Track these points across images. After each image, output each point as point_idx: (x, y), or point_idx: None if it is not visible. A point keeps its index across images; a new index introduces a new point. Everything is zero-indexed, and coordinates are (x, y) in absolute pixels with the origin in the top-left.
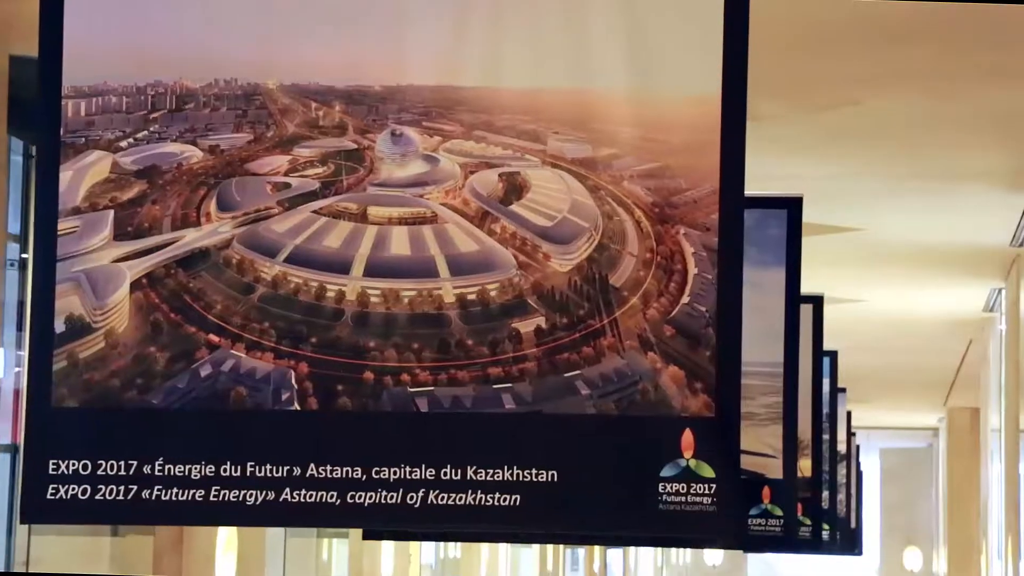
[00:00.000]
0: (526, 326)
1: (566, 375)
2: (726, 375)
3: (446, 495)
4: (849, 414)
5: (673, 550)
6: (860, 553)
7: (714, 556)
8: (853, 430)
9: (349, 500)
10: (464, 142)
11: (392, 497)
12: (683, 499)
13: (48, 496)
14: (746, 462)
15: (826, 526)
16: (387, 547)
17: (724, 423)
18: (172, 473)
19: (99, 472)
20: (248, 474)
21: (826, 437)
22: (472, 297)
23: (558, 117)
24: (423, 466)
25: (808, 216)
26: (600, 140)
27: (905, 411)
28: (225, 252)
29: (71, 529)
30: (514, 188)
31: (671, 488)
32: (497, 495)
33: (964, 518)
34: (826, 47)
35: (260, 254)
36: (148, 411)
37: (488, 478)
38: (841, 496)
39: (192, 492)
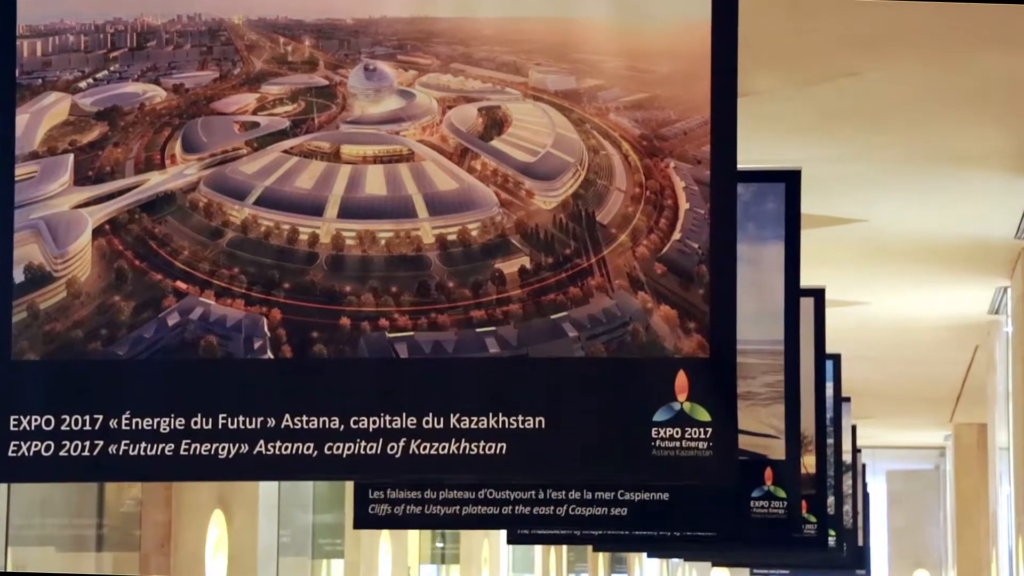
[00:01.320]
0: (509, 266)
1: (552, 317)
2: (721, 314)
3: (428, 444)
4: (854, 428)
5: (680, 571)
6: (868, 574)
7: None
8: (859, 447)
9: (327, 451)
10: (441, 76)
11: (372, 447)
12: (677, 444)
13: (10, 454)
14: (747, 443)
15: (832, 532)
16: (384, 564)
17: (719, 364)
18: (140, 427)
19: (62, 427)
20: (220, 427)
21: (830, 441)
22: (452, 237)
23: (539, 48)
24: (404, 415)
25: (807, 206)
26: (584, 71)
27: (911, 428)
28: (191, 195)
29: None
30: (494, 123)
31: (664, 433)
32: (482, 443)
33: (973, 538)
34: (820, 9)
35: (228, 197)
36: (113, 363)
37: (472, 426)
38: (847, 507)
39: (161, 446)
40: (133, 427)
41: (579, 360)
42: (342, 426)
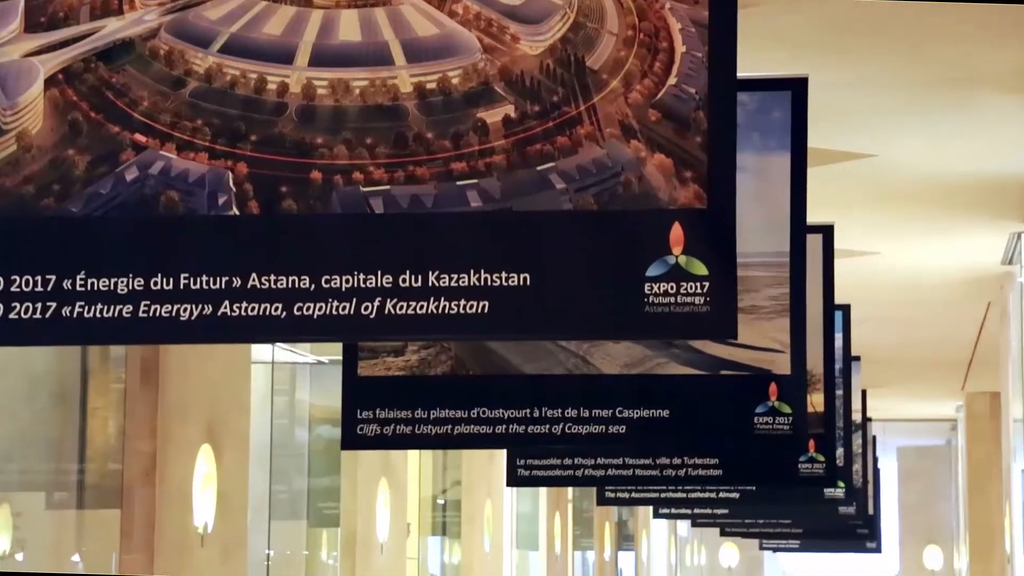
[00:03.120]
0: (493, 116)
1: (539, 168)
2: (719, 162)
3: (405, 303)
4: (864, 394)
5: (687, 552)
6: (879, 550)
7: (730, 558)
8: (869, 416)
9: (296, 312)
10: None
11: (344, 307)
12: (672, 300)
13: None
14: (750, 358)
15: (841, 484)
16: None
17: (717, 214)
18: (96, 288)
19: (13, 289)
20: (181, 287)
21: (839, 393)
22: (432, 86)
23: None
24: (379, 273)
25: (813, 140)
26: None
27: (921, 398)
28: (151, 43)
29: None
30: None
31: (658, 288)
32: (462, 302)
33: (985, 513)
34: None
35: (191, 44)
36: (67, 220)
37: (452, 284)
38: (857, 467)
39: (119, 308)
40: (88, 288)
41: (566, 213)
42: (312, 286)
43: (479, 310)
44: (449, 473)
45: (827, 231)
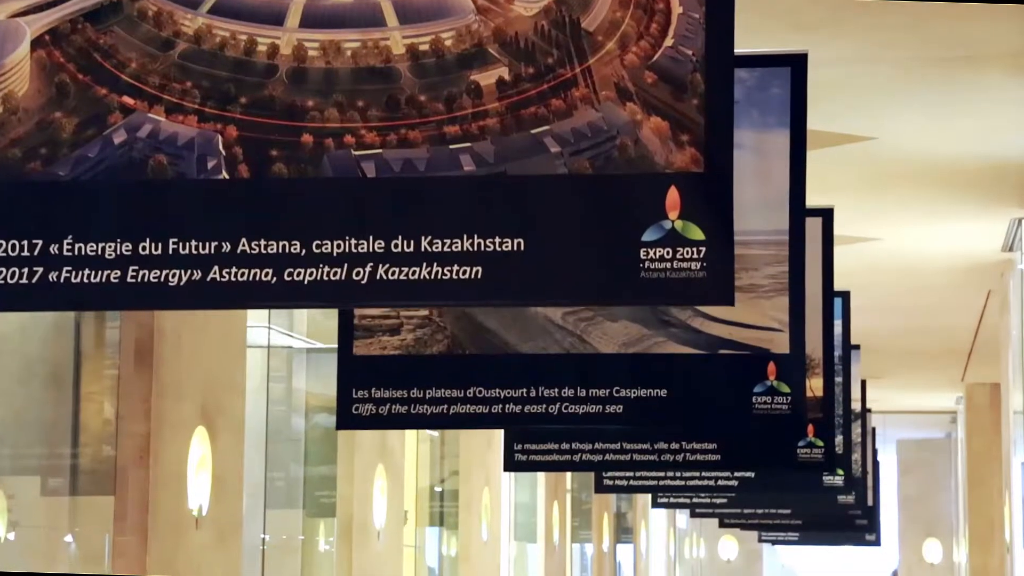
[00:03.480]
0: (487, 78)
1: (533, 131)
2: (716, 125)
3: (397, 269)
4: (864, 384)
5: (686, 544)
6: (878, 543)
7: (729, 550)
8: (868, 407)
9: (287, 278)
10: None
11: (335, 273)
12: (668, 265)
13: None
14: (748, 337)
15: (840, 471)
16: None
17: (714, 178)
18: (83, 252)
19: None
20: (170, 252)
21: (839, 379)
22: (424, 47)
23: None
24: (371, 238)
25: (812, 122)
26: None
27: (921, 389)
28: (140, 3)
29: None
30: None
31: (654, 254)
32: (455, 267)
33: (986, 505)
34: None
35: (180, 5)
36: (54, 184)
37: (445, 249)
38: (856, 456)
39: (106, 273)
40: (75, 252)
41: (561, 177)
42: (303, 251)
43: (472, 276)
44: (447, 462)
45: (827, 214)
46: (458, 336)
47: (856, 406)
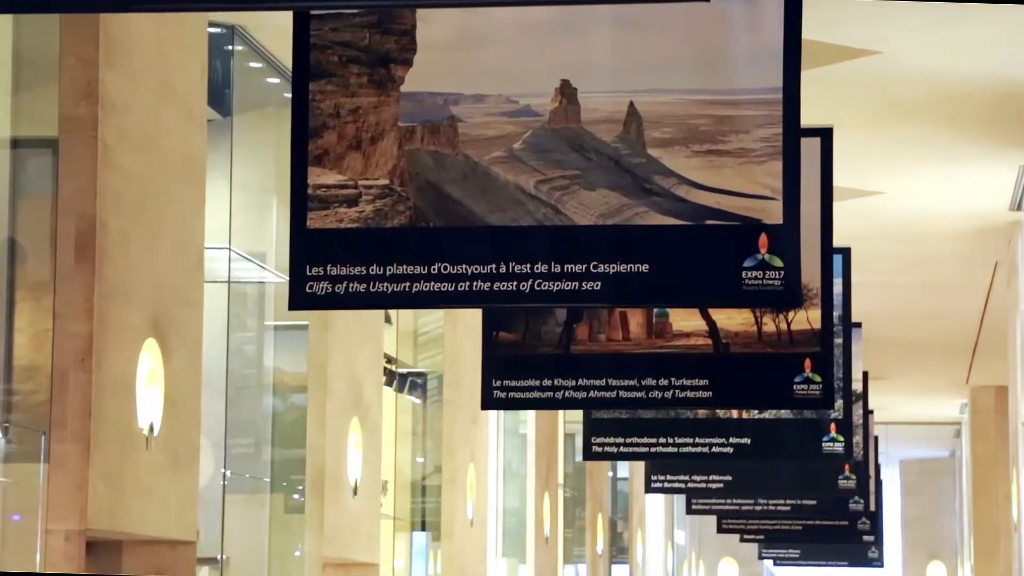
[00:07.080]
0: None
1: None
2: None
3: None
4: (865, 375)
5: (686, 564)
6: (881, 563)
7: (729, 572)
8: (871, 409)
9: None
10: None
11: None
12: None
13: None
14: (739, 206)
15: (840, 438)
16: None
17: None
18: None
19: None
20: None
21: (838, 341)
22: None
23: None
24: None
25: (814, 32)
26: None
27: (925, 394)
28: None
29: None
30: None
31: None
32: None
33: (991, 514)
34: None
35: None
36: None
37: None
38: (858, 438)
39: None
40: None
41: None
42: None
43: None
44: (429, 437)
45: (826, 134)
46: (422, 207)
47: (857, 387)
